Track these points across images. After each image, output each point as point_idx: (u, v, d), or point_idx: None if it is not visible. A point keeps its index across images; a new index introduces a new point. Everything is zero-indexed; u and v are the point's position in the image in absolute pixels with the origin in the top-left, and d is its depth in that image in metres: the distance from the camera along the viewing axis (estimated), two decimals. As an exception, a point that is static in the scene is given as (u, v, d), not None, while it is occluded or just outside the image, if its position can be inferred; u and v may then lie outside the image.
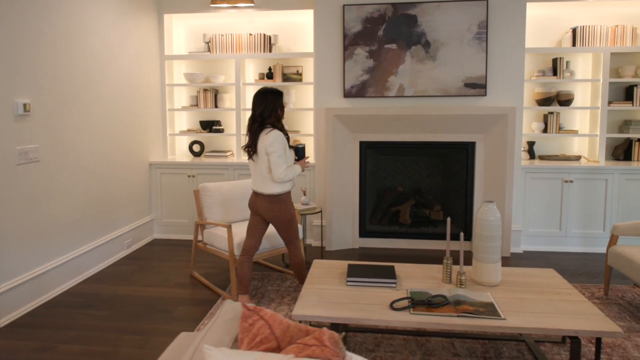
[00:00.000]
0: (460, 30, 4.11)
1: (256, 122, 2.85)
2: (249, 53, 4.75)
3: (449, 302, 2.27)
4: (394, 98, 4.27)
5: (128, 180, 4.36)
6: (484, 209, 2.53)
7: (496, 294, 2.40)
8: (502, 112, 4.11)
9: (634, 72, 4.43)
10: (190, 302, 3.18)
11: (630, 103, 4.43)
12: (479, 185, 4.32)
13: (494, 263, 2.52)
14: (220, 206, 3.56)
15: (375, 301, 2.31)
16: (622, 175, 4.23)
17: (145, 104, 4.65)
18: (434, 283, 2.57)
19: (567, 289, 2.48)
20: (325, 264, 2.86)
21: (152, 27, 4.74)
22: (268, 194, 2.88)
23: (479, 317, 2.13)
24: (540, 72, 4.51)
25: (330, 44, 4.31)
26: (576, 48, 4.40)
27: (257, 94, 2.89)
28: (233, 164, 4.63)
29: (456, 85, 4.17)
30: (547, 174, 4.30)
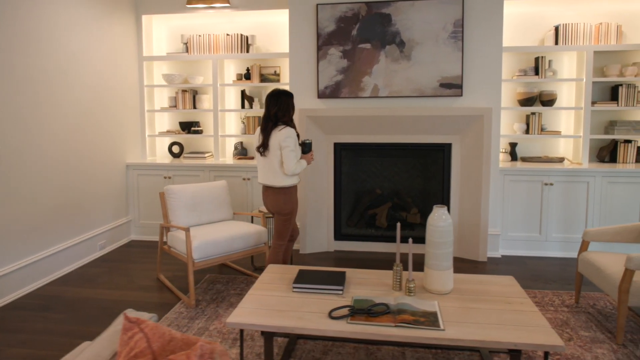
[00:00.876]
0: (436, 29, 4.02)
1: (270, 122, 3.08)
2: (226, 54, 4.72)
3: (390, 311, 2.20)
4: (369, 99, 4.19)
5: (103, 181, 4.36)
6: (434, 215, 2.45)
7: (444, 303, 2.32)
8: (478, 113, 4.00)
9: (619, 71, 4.28)
10: (148, 306, 3.15)
11: (615, 103, 4.28)
12: (456, 188, 4.22)
13: (444, 270, 2.44)
14: (184, 209, 3.53)
15: (316, 309, 2.25)
16: (604, 178, 4.09)
17: (122, 104, 4.64)
18: (384, 290, 2.49)
19: (521, 298, 2.38)
20: (279, 269, 2.81)
21: (130, 28, 4.73)
22: (278, 187, 3.11)
23: (417, 327, 2.05)
24: (522, 71, 4.38)
25: (304, 44, 4.25)
26: (558, 47, 4.27)
27: (271, 95, 3.11)
28: (209, 166, 4.60)
29: (431, 86, 4.07)
30: (526, 177, 4.18)
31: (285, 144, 3.02)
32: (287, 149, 3.01)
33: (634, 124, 4.30)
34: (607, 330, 2.78)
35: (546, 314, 3.00)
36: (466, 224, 4.17)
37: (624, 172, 4.06)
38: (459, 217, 4.22)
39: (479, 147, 4.05)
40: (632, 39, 4.34)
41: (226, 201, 3.78)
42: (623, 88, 4.25)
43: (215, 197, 3.70)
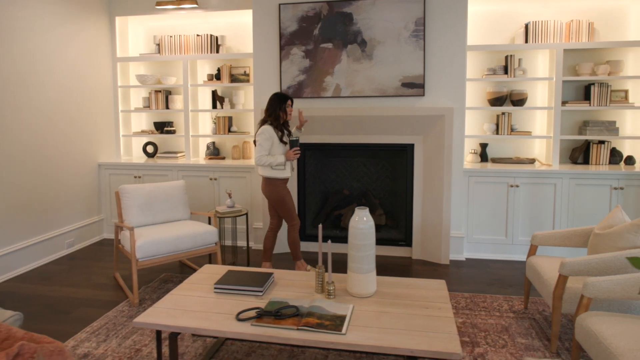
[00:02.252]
0: (397, 28, 3.96)
1: (262, 121, 3.55)
2: (197, 54, 4.75)
3: (299, 313, 2.18)
4: (331, 99, 4.16)
5: (73, 180, 4.45)
6: (356, 217, 2.41)
7: (360, 306, 2.28)
8: (439, 113, 3.93)
9: (591, 69, 4.14)
10: (94, 304, 3.20)
11: (587, 103, 4.14)
12: (418, 189, 4.15)
13: (365, 273, 2.40)
14: (138, 208, 3.57)
15: (227, 310, 2.25)
16: (571, 179, 3.96)
17: (96, 105, 4.73)
18: (306, 292, 2.47)
19: (441, 303, 2.33)
20: (213, 269, 2.81)
21: (104, 29, 4.81)
22: (263, 176, 3.59)
23: (317, 331, 2.03)
24: (491, 70, 4.28)
25: (267, 44, 4.24)
26: (527, 45, 4.15)
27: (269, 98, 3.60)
28: (178, 166, 4.64)
29: (393, 85, 4.02)
30: (491, 178, 4.08)
31: (257, 139, 3.48)
32: (257, 144, 3.48)
33: (607, 125, 4.16)
34: (547, 338, 2.69)
35: (489, 320, 2.92)
36: (429, 226, 4.10)
37: (591, 174, 3.93)
38: (421, 219, 4.15)
39: (440, 148, 3.97)
40: (605, 36, 4.19)
41: (183, 201, 3.80)
42: (595, 87, 4.10)
43: (171, 197, 3.73)
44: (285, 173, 3.55)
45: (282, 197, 3.56)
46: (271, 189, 3.56)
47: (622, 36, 4.17)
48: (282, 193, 3.56)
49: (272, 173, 3.52)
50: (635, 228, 2.51)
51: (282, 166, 3.52)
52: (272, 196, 3.57)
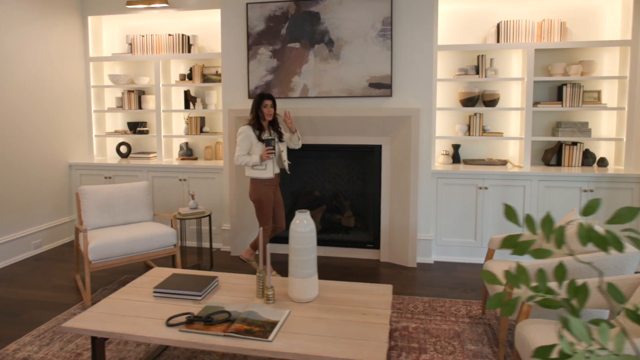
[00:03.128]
0: (364, 28, 3.90)
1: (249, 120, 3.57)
2: (169, 54, 4.72)
3: (230, 319, 2.13)
4: (299, 99, 4.11)
5: (42, 180, 4.43)
6: (296, 220, 2.36)
7: (297, 312, 2.23)
8: (406, 114, 3.87)
9: (563, 70, 4.06)
10: (48, 306, 3.17)
11: (559, 103, 4.07)
12: (386, 191, 4.09)
13: (305, 278, 2.35)
14: (97, 209, 3.54)
15: (160, 315, 2.20)
16: (541, 182, 3.88)
17: (67, 104, 4.71)
18: (247, 297, 2.42)
19: (381, 309, 2.27)
20: (160, 272, 2.77)
21: (76, 29, 4.79)
22: (248, 176, 3.58)
23: (245, 338, 1.98)
24: (462, 70, 4.22)
25: (235, 44, 4.20)
26: (499, 45, 4.08)
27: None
28: (148, 166, 4.61)
29: (361, 86, 3.96)
30: (460, 180, 4.02)
31: (237, 140, 3.52)
32: (236, 144, 3.52)
33: (579, 126, 4.08)
34: (497, 345, 2.63)
35: (443, 325, 2.86)
36: (396, 228, 4.04)
37: (561, 176, 3.85)
38: (389, 221, 4.09)
39: (407, 149, 3.91)
40: (578, 36, 4.11)
41: (145, 202, 3.77)
42: (567, 88, 4.03)
43: (132, 198, 3.70)
44: (266, 174, 3.50)
45: (258, 198, 3.52)
46: (251, 189, 3.56)
47: (595, 36, 4.09)
48: (259, 193, 3.51)
49: (252, 173, 3.52)
50: (586, 233, 2.44)
51: (261, 166, 3.47)
52: (252, 196, 3.55)
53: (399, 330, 2.82)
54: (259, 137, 3.49)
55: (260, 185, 3.51)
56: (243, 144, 3.47)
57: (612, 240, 0.77)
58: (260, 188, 3.52)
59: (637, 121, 3.89)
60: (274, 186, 3.62)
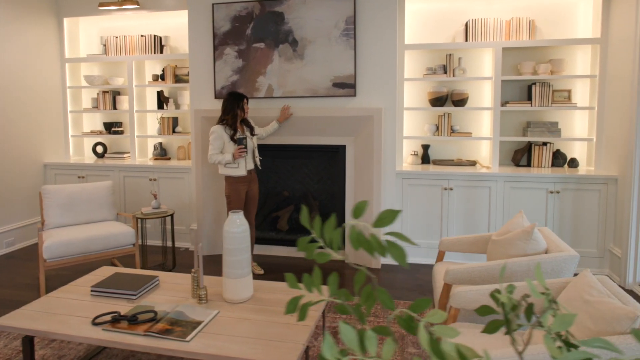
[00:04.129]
0: (328, 27, 3.88)
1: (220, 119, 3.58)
2: (142, 55, 4.75)
3: (156, 319, 2.13)
4: (264, 99, 4.11)
5: (16, 179, 4.48)
6: (228, 220, 2.36)
7: (226, 313, 2.23)
8: (368, 114, 3.84)
9: (532, 68, 4.00)
10: (5, 304, 3.20)
11: (529, 103, 4.01)
12: (350, 191, 4.07)
13: (237, 278, 2.35)
14: (59, 208, 3.57)
15: (90, 314, 2.21)
16: (506, 182, 3.83)
17: (43, 105, 4.76)
18: (182, 297, 2.43)
19: (310, 310, 2.25)
20: (107, 271, 2.79)
21: (51, 30, 4.84)
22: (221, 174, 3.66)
23: (163, 337, 1.98)
24: (430, 70, 4.18)
25: (202, 45, 4.21)
26: (466, 43, 4.04)
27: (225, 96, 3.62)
28: (119, 166, 4.64)
29: (324, 86, 3.94)
30: (425, 181, 3.98)
31: (209, 139, 3.56)
32: (209, 143, 3.56)
33: (549, 126, 4.02)
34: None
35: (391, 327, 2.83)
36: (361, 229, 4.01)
37: (527, 177, 3.80)
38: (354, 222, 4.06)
39: (370, 149, 3.89)
40: (548, 34, 4.04)
41: (108, 202, 3.79)
42: (537, 87, 3.97)
43: (95, 198, 3.73)
44: (239, 171, 3.55)
45: (228, 195, 3.62)
46: (225, 186, 3.64)
47: (567, 34, 4.02)
48: (229, 190, 3.60)
49: (226, 171, 3.58)
50: (526, 235, 2.40)
51: (234, 164, 3.53)
52: (226, 192, 3.64)
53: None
54: (232, 136, 3.51)
55: (233, 182, 3.58)
56: (215, 143, 3.52)
57: (375, 245, 0.75)
58: (233, 185, 3.59)
59: (607, 121, 3.82)
60: (247, 183, 3.65)
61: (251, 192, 3.72)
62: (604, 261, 3.73)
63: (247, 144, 3.50)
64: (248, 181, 3.66)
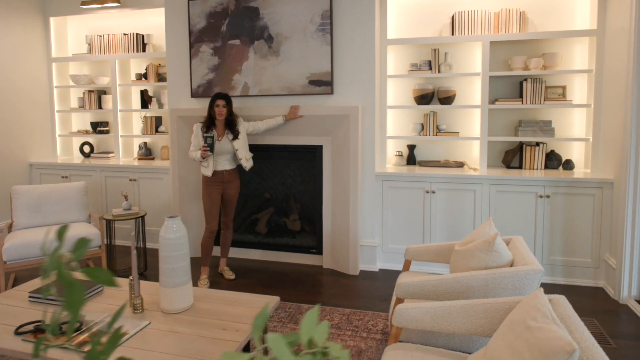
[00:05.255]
0: (303, 22, 3.72)
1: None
2: (124, 53, 4.69)
3: (81, 329, 2.02)
4: (240, 97, 3.97)
5: (0, 179, 4.49)
6: (164, 226, 2.23)
7: (156, 324, 2.10)
8: (344, 113, 3.65)
9: (523, 63, 3.73)
10: (-33, 305, 3.18)
11: (519, 100, 3.74)
12: (328, 194, 3.89)
13: (173, 287, 2.21)
14: (27, 209, 3.53)
15: (16, 322, 2.12)
16: (492, 185, 3.58)
17: (29, 104, 4.77)
18: (117, 306, 2.31)
19: (246, 324, 2.10)
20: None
21: (37, 29, 4.84)
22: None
23: (77, 351, 1.87)
24: (414, 66, 3.95)
25: (178, 42, 4.11)
26: (452, 37, 3.80)
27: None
28: (101, 166, 4.59)
29: (300, 83, 3.78)
30: (406, 183, 3.76)
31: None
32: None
33: (541, 124, 3.74)
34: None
35: (350, 342, 2.66)
36: (338, 233, 3.83)
37: (514, 180, 3.53)
38: (331, 225, 3.89)
39: (346, 149, 3.70)
40: (540, 26, 3.76)
41: (80, 203, 3.74)
42: (528, 83, 3.70)
43: (66, 199, 3.67)
44: (207, 171, 3.49)
45: (202, 196, 3.57)
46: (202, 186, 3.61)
47: (559, 25, 3.72)
48: (203, 191, 3.56)
49: (201, 169, 3.55)
50: (487, 246, 2.18)
51: (204, 163, 3.49)
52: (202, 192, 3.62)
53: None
54: (203, 134, 3.45)
55: (204, 182, 3.55)
56: (194, 140, 3.53)
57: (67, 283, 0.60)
58: (205, 185, 3.55)
59: (605, 120, 3.52)
60: (221, 184, 3.54)
61: (227, 193, 3.59)
62: (599, 272, 3.44)
63: (211, 143, 3.37)
64: (222, 182, 3.54)
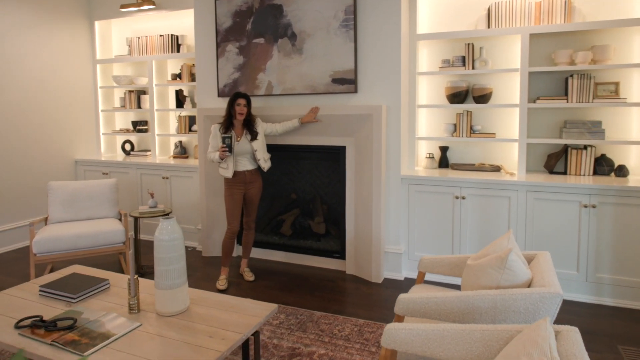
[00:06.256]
0: (327, 18, 3.59)
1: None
2: (161, 54, 4.81)
3: (74, 327, 2.04)
4: (264, 97, 3.93)
5: (49, 174, 4.79)
6: (159, 227, 2.21)
7: (147, 327, 2.08)
8: (367, 112, 3.48)
9: (569, 57, 3.35)
10: (3, 293, 3.39)
11: (564, 99, 3.37)
12: (351, 197, 3.73)
13: (167, 290, 2.19)
14: (61, 204, 3.71)
15: (19, 315, 2.19)
16: (530, 193, 3.25)
17: (75, 104, 5.05)
18: (119, 305, 2.32)
19: (234, 332, 2.02)
20: (74, 269, 2.79)
21: (83, 32, 5.10)
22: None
23: (63, 349, 1.88)
24: (446, 62, 3.70)
25: (206, 42, 4.13)
26: (488, 31, 3.50)
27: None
28: (137, 164, 4.75)
29: (324, 82, 3.65)
30: (433, 188, 3.52)
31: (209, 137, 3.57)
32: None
33: (590, 125, 3.34)
34: (401, 386, 2.21)
35: (355, 355, 2.50)
36: (361, 238, 3.67)
37: (554, 187, 3.18)
38: (354, 230, 3.73)
39: (369, 151, 3.52)
40: (589, 15, 3.35)
41: (110, 199, 3.86)
42: (574, 79, 3.32)
43: (97, 195, 3.82)
44: (227, 172, 3.46)
45: (226, 197, 3.54)
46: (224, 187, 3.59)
47: (612, 14, 3.30)
48: (225, 192, 3.54)
49: (220, 171, 3.52)
50: (499, 263, 1.94)
51: (223, 164, 3.48)
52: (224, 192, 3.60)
53: (302, 355, 2.52)
54: (221, 135, 3.43)
55: (226, 183, 3.53)
56: (212, 141, 3.51)
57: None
58: (226, 186, 3.53)
59: (666, 120, 3.07)
60: (243, 184, 3.51)
61: (249, 193, 3.56)
62: (655, 294, 3.02)
63: (229, 144, 3.34)
64: (244, 182, 3.51)
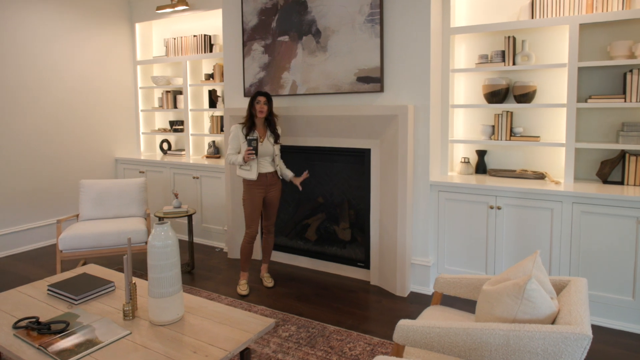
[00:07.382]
0: (351, 13, 3.38)
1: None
2: (194, 54, 4.84)
3: (67, 331, 2.02)
4: (288, 97, 3.79)
5: (90, 172, 4.99)
6: (152, 233, 2.13)
7: (136, 335, 2.01)
8: (392, 113, 3.23)
9: (628, 50, 2.91)
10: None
11: (621, 98, 2.93)
12: (376, 204, 3.50)
13: (159, 298, 2.11)
14: (91, 202, 3.80)
15: (20, 314, 2.21)
16: (576, 205, 2.85)
17: (116, 104, 5.22)
18: (118, 309, 2.29)
19: (220, 349, 1.90)
20: (89, 269, 2.82)
21: (124, 34, 5.26)
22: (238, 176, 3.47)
23: (46, 354, 1.85)
24: (483, 57, 3.36)
25: (233, 41, 4.08)
26: (532, 22, 3.13)
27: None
28: (170, 163, 4.80)
29: (348, 80, 3.46)
30: (465, 196, 3.21)
31: (228, 138, 3.44)
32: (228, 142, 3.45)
33: (652, 129, 2.88)
34: (404, 420, 1.99)
35: (360, 377, 2.30)
36: (386, 248, 3.43)
37: (606, 199, 2.77)
38: (379, 238, 3.50)
39: (394, 154, 3.27)
40: (657, 0, 2.88)
41: (139, 198, 3.91)
42: (634, 75, 2.88)
43: (126, 194, 3.88)
44: (250, 175, 3.35)
45: (244, 199, 3.44)
46: (243, 189, 3.48)
47: (690, -2, 2.82)
48: (244, 194, 3.43)
49: (240, 173, 3.41)
50: (516, 292, 1.67)
51: (246, 167, 3.36)
52: (243, 195, 3.48)
53: (304, 373, 2.36)
54: (245, 136, 3.34)
55: (247, 185, 3.41)
56: (232, 143, 3.40)
57: None
58: (247, 188, 3.41)
59: None
60: (264, 187, 3.40)
61: (269, 196, 3.45)
62: None
63: (256, 146, 3.21)
64: (264, 185, 3.40)
